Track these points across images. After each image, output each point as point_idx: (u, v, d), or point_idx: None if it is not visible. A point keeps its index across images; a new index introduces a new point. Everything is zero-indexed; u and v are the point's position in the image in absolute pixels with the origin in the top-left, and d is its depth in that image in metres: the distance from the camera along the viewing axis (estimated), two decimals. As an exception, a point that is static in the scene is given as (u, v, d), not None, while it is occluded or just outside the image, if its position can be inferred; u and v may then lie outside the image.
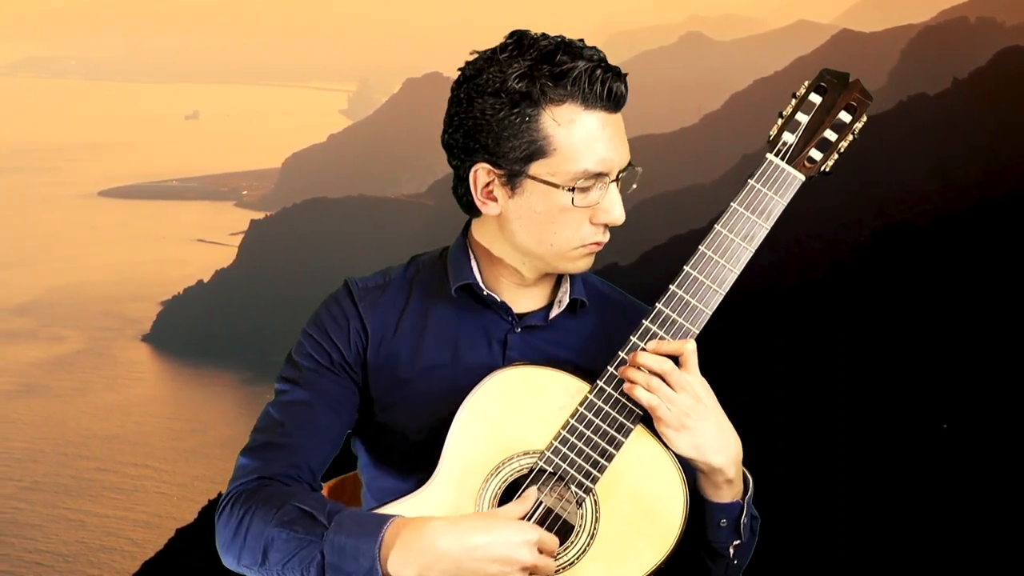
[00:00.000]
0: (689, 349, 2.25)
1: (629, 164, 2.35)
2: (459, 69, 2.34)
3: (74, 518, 56.74)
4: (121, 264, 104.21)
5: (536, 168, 2.26)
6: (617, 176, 2.30)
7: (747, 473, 2.36)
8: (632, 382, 2.24)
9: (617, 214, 2.31)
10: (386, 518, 2.17)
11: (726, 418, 2.29)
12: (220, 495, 2.40)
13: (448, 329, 2.43)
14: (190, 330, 79.22)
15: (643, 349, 2.26)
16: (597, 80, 2.25)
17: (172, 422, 68.99)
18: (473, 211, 2.40)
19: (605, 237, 2.34)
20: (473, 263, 2.42)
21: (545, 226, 2.30)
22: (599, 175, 2.27)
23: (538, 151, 2.26)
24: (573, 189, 2.26)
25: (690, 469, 2.34)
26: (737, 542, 2.37)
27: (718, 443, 2.27)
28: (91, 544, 54.33)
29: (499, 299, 2.41)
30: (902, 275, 24.70)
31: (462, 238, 2.47)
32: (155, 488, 60.23)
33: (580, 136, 2.26)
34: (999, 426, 18.62)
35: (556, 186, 2.26)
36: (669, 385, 2.24)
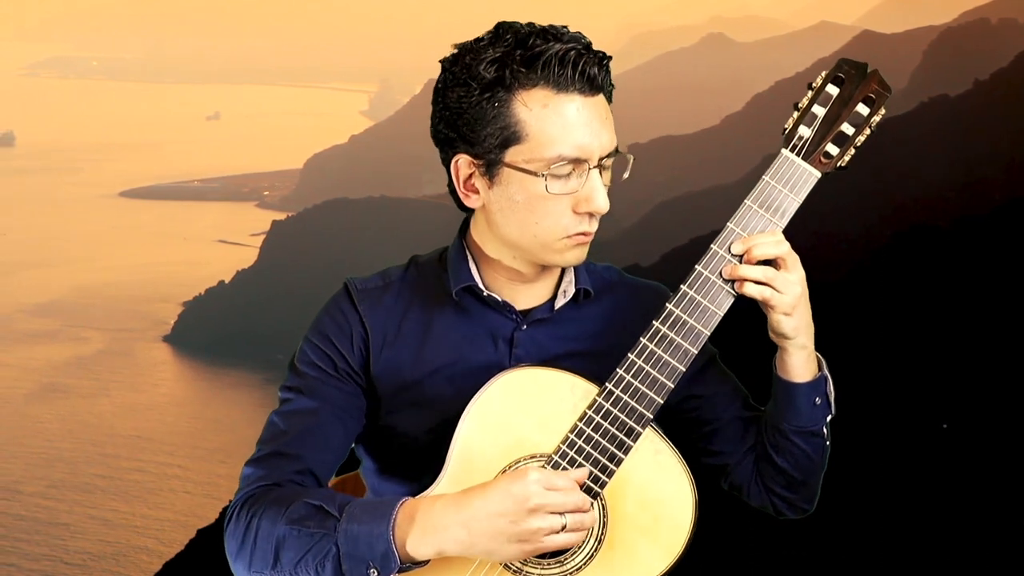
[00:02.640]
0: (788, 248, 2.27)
1: (617, 151, 2.26)
2: (440, 61, 2.28)
3: (100, 516, 56.94)
4: (142, 265, 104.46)
5: (511, 155, 2.20)
6: (599, 162, 2.22)
7: (818, 354, 2.39)
8: (744, 279, 2.24)
9: (600, 202, 2.22)
10: (396, 500, 2.12)
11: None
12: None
13: (452, 331, 2.37)
14: (211, 330, 79.35)
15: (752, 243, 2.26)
16: (569, 63, 2.19)
17: (195, 422, 69.17)
18: (464, 205, 2.35)
19: (592, 227, 2.27)
20: (471, 264, 2.37)
21: (526, 216, 2.23)
22: (577, 161, 2.19)
23: (512, 137, 2.20)
24: (547, 176, 2.18)
25: (714, 478, 2.34)
26: (830, 416, 2.41)
27: (810, 323, 2.34)
28: (117, 542, 54.49)
29: (500, 299, 2.36)
30: (923, 276, 24.67)
31: (459, 239, 2.41)
32: (181, 487, 60.42)
33: (553, 121, 2.19)
34: (999, 426, 18.61)
35: (531, 173, 2.18)
36: (786, 269, 2.25)
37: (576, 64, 2.19)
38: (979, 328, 21.56)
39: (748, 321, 2.37)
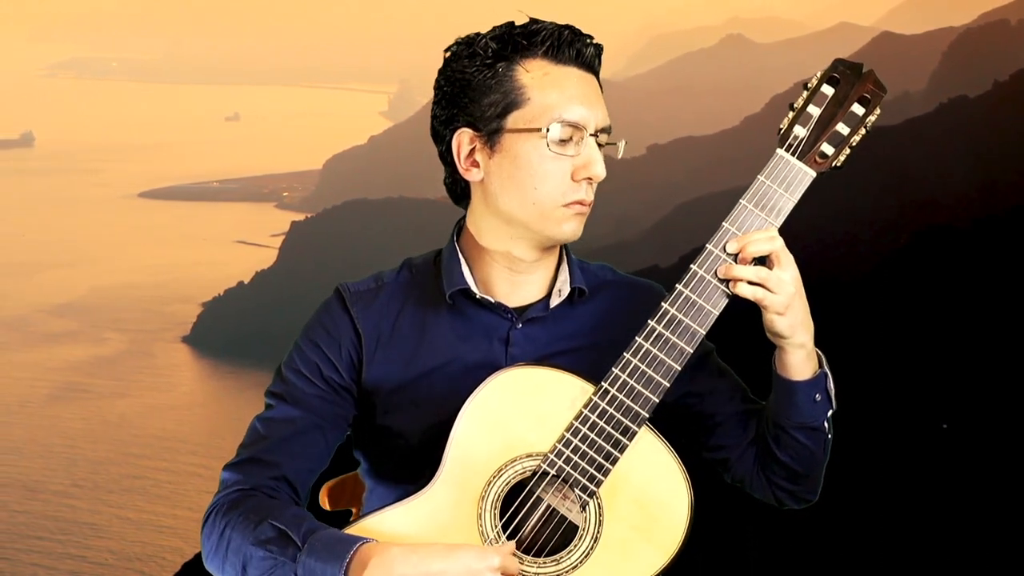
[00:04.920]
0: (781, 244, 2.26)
1: (610, 130, 2.32)
2: (443, 50, 2.40)
3: (123, 515, 57.05)
4: (162, 265, 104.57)
5: (513, 121, 2.27)
6: (595, 134, 2.28)
7: (818, 350, 2.38)
8: (737, 279, 2.24)
9: (597, 168, 2.28)
10: (355, 541, 2.13)
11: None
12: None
13: (447, 331, 2.38)
14: (230, 331, 79.35)
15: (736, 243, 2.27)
16: (565, 40, 2.31)
17: (215, 422, 69.24)
18: (462, 196, 2.42)
19: (589, 195, 2.31)
20: (464, 266, 2.39)
21: (525, 182, 2.28)
22: (574, 127, 2.25)
23: (513, 103, 2.28)
24: (548, 133, 2.25)
25: (707, 471, 2.34)
26: (830, 411, 2.41)
27: (807, 322, 2.32)
28: (141, 542, 54.56)
29: (494, 300, 2.37)
30: (941, 276, 24.59)
31: (451, 242, 2.43)
32: (204, 487, 60.44)
33: (553, 87, 2.29)
34: (999, 426, 18.57)
35: (533, 131, 2.25)
36: (779, 266, 2.24)
37: (572, 42, 2.32)
38: (993, 329, 21.51)
39: (748, 316, 2.37)
